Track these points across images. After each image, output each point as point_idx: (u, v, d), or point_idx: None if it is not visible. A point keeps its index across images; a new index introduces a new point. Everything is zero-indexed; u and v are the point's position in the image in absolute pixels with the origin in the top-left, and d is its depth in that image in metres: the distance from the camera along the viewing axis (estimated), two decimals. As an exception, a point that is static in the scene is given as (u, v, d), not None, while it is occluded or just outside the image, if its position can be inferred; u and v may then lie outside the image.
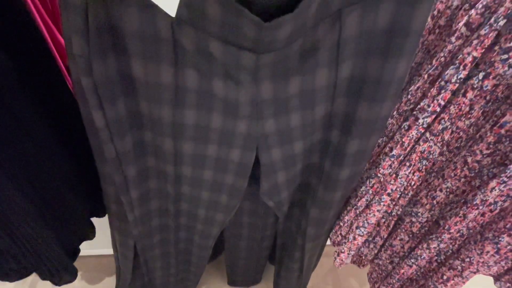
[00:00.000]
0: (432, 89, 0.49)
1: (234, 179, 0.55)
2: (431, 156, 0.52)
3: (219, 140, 0.48)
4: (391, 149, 0.57)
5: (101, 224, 0.86)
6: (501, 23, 0.40)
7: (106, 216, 0.71)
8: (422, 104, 0.51)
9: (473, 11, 0.44)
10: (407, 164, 0.55)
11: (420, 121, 0.50)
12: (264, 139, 0.48)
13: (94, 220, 0.74)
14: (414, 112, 0.53)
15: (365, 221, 0.63)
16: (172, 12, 0.30)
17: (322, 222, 0.65)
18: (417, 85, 0.53)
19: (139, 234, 0.61)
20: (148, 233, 0.64)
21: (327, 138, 0.52)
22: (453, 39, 0.46)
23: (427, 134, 0.51)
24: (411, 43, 0.39)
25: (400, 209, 0.61)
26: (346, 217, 0.68)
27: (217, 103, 0.43)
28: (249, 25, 0.33)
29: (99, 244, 1.05)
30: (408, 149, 0.54)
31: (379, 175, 0.59)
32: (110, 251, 1.09)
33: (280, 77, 0.41)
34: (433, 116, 0.49)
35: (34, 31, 0.46)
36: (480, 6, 0.43)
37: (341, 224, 0.70)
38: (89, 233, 0.74)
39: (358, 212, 0.65)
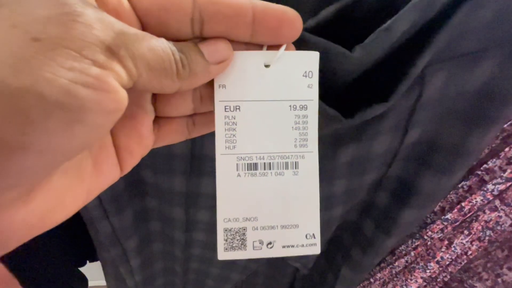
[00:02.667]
0: (507, 149, 0.40)
1: None
2: (498, 228, 0.42)
3: None
4: (443, 210, 0.48)
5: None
6: None
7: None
8: (490, 164, 0.42)
9: None
10: (465, 232, 0.45)
11: (490, 186, 0.41)
12: None
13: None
14: (479, 172, 0.43)
15: (404, 286, 0.54)
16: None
17: (355, 282, 0.57)
18: (484, 139, 0.43)
19: (140, 298, 0.52)
20: (151, 295, 0.55)
21: (371, 199, 0.43)
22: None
23: (497, 202, 0.41)
24: (510, 110, 0.29)
25: (448, 276, 0.52)
26: (379, 274, 0.59)
27: None
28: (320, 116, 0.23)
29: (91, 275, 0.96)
30: (469, 215, 0.44)
31: (425, 237, 0.49)
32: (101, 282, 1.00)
33: (327, 147, 0.32)
34: (508, 184, 0.39)
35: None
36: None
37: (372, 280, 0.61)
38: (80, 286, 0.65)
39: (394, 272, 0.56)
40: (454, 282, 0.53)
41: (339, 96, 0.24)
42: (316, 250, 0.19)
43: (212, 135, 0.31)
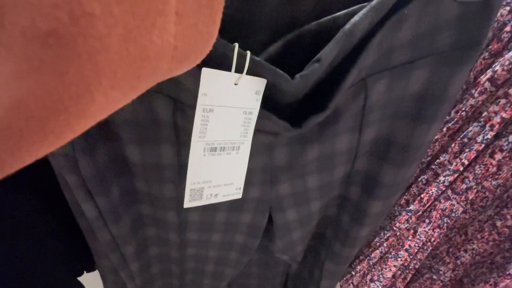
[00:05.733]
0: (453, 144, 0.46)
1: (245, 239, 0.51)
2: (453, 215, 0.48)
3: (228, 206, 0.44)
4: (408, 202, 0.54)
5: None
6: (534, 85, 0.37)
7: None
8: (441, 159, 0.48)
9: (498, 67, 0.41)
10: (427, 221, 0.51)
11: (441, 178, 0.46)
12: (278, 202, 0.45)
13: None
14: (433, 166, 0.49)
15: (381, 275, 0.59)
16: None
17: (337, 275, 0.61)
18: (435, 137, 0.49)
19: (139, 301, 0.56)
20: (149, 297, 0.59)
21: (345, 194, 0.48)
22: (475, 93, 0.43)
23: (449, 192, 0.47)
24: (446, 109, 0.35)
25: (418, 263, 0.57)
26: (359, 267, 0.64)
27: None
28: (274, 126, 0.29)
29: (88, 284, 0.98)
30: (428, 205, 0.50)
31: (394, 228, 0.55)
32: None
33: (295, 145, 0.37)
34: (456, 175, 0.45)
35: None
36: (507, 62, 0.40)
37: (353, 273, 0.66)
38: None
39: (371, 263, 0.61)
40: (425, 268, 0.58)
41: (293, 110, 0.30)
42: (239, 196, 0.31)
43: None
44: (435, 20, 0.29)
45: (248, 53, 0.24)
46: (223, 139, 0.26)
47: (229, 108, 0.25)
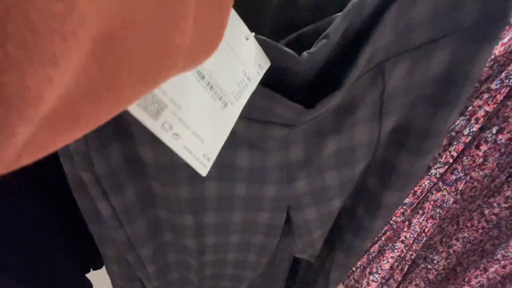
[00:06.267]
0: (442, 138, 0.49)
1: (263, 239, 0.50)
2: (444, 205, 0.51)
3: (244, 206, 0.43)
4: (402, 196, 0.56)
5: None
6: (513, 80, 0.40)
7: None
8: (432, 152, 0.50)
9: (481, 65, 0.44)
10: (420, 212, 0.53)
11: (433, 171, 0.49)
12: (296, 200, 0.43)
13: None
14: (425, 160, 0.52)
15: (379, 267, 0.61)
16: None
17: (347, 268, 0.60)
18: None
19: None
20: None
21: (363, 183, 0.47)
22: (461, 90, 0.46)
23: (440, 184, 0.50)
24: (467, 91, 0.33)
25: (414, 254, 0.59)
26: (359, 262, 0.66)
27: (240, 173, 0.39)
28: (287, 110, 0.29)
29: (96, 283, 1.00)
30: (421, 197, 0.52)
31: (391, 222, 0.57)
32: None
33: (312, 138, 0.37)
34: (446, 167, 0.48)
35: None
36: (489, 59, 0.43)
37: (354, 268, 0.68)
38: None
39: (371, 258, 0.63)
40: (420, 259, 0.60)
41: (304, 96, 0.29)
42: (203, 172, 0.21)
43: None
44: None
45: (253, 33, 0.24)
46: (216, 77, 0.20)
47: (232, 54, 0.21)
